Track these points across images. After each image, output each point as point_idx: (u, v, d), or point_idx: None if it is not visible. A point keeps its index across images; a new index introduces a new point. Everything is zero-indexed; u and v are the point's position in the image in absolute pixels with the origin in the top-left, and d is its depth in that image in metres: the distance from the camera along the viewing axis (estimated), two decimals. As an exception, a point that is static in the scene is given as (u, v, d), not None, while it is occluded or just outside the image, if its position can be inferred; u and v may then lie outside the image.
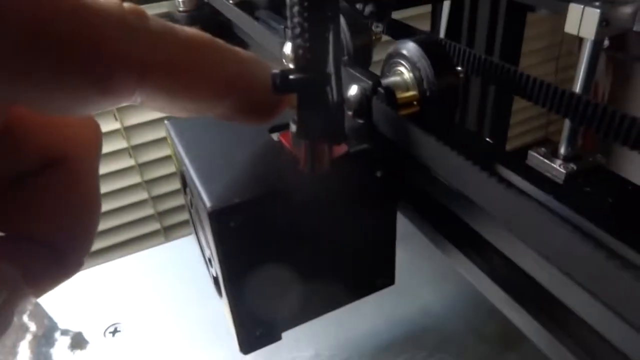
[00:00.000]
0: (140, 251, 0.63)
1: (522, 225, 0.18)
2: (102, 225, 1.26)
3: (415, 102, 0.27)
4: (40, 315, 0.16)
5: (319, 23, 0.21)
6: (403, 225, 0.32)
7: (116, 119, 1.15)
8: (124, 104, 0.13)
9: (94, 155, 0.17)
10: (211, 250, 0.26)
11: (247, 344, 0.29)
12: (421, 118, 0.26)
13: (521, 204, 0.17)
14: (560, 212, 0.22)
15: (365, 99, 0.27)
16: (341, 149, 0.27)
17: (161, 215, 1.34)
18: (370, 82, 0.26)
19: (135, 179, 1.25)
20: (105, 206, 1.24)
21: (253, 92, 0.18)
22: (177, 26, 0.14)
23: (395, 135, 0.25)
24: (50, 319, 0.16)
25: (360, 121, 0.28)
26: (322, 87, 0.23)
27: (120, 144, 1.18)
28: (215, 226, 0.23)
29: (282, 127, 0.29)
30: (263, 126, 0.29)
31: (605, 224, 0.21)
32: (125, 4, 0.13)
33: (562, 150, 0.27)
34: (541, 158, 0.26)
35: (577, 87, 0.29)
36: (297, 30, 0.22)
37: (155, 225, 1.34)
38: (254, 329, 0.28)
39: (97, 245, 1.28)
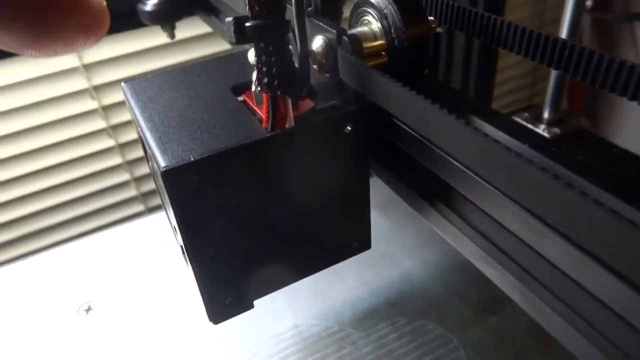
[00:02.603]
0: (114, 227, 0.61)
1: (492, 169, 0.16)
2: (84, 209, 1.24)
3: (383, 53, 0.25)
4: None
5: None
6: (383, 192, 0.30)
7: (93, 98, 1.12)
8: None
9: None
10: (172, 216, 0.25)
11: (216, 313, 0.27)
12: (390, 69, 0.25)
13: (489, 146, 0.16)
14: (536, 161, 0.21)
15: (330, 50, 0.25)
16: (308, 105, 0.25)
17: (145, 196, 1.31)
18: (334, 32, 0.24)
19: (116, 160, 1.22)
20: (86, 189, 1.22)
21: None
22: None
23: (362, 86, 0.23)
24: None
25: (327, 75, 0.26)
26: (280, 35, 0.22)
27: (98, 124, 1.16)
28: (171, 187, 0.22)
29: (247, 87, 0.27)
30: (224, 85, 0.28)
31: (582, 171, 0.20)
32: None
33: (546, 115, 0.26)
34: (524, 123, 0.26)
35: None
36: (249, -31, 0.20)
37: (139, 207, 1.32)
38: (222, 297, 0.27)
39: (79, 229, 1.26)
